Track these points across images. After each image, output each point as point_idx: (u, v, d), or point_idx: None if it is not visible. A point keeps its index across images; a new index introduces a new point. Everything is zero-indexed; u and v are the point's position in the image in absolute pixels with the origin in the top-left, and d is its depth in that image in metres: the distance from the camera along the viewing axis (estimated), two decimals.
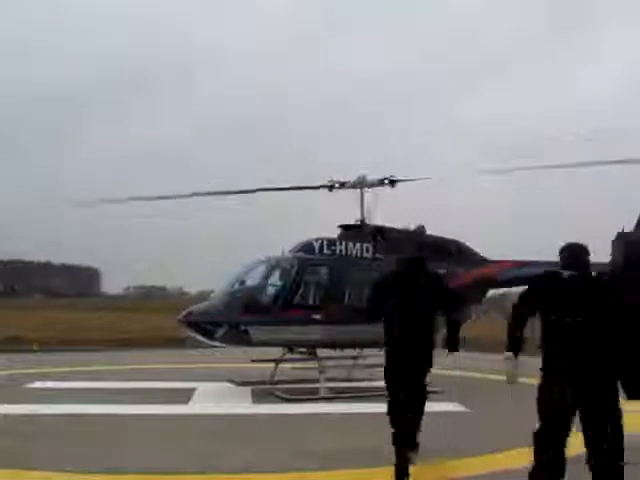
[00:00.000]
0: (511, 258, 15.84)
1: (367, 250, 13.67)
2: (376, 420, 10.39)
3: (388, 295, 6.90)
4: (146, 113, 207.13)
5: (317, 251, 13.29)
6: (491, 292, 17.03)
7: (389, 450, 6.53)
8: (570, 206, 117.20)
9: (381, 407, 11.35)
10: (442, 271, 13.65)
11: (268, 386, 13.13)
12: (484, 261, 15.29)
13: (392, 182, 14.02)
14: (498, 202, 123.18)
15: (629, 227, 17.38)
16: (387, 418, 6.94)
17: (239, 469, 7.10)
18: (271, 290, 12.81)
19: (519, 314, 5.33)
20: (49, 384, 14.24)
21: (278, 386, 13.07)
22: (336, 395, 12.28)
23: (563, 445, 4.98)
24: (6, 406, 11.13)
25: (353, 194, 14.11)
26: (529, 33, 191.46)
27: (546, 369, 5.09)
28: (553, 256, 5.55)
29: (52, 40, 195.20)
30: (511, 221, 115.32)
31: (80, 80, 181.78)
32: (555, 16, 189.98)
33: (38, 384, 14.15)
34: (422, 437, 8.93)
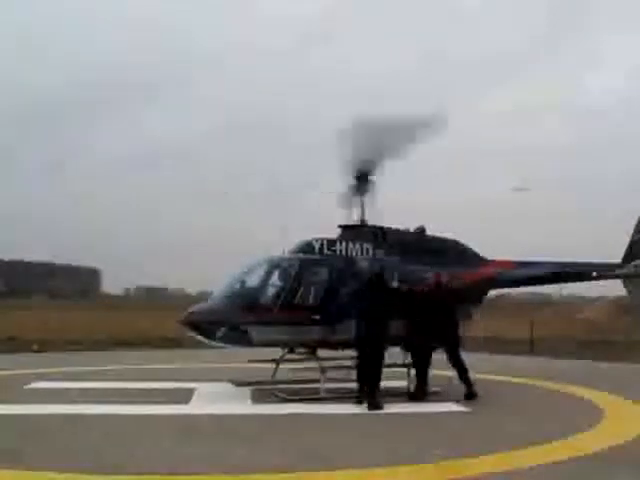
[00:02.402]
0: (511, 258, 15.82)
1: (367, 251, 13.66)
2: (377, 420, 10.44)
3: None
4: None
5: (317, 251, 13.28)
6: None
7: (389, 450, 6.52)
8: None
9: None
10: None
11: (268, 386, 13.13)
12: (484, 261, 15.26)
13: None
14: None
15: (629, 228, 17.35)
16: (387, 418, 6.99)
17: (239, 469, 7.10)
18: (271, 290, 12.80)
19: None
20: (48, 384, 14.21)
21: (278, 386, 13.08)
22: (336, 395, 12.28)
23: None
24: (5, 406, 11.14)
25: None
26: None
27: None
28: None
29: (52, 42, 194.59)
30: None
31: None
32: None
33: (37, 384, 14.12)
34: (422, 437, 8.98)
